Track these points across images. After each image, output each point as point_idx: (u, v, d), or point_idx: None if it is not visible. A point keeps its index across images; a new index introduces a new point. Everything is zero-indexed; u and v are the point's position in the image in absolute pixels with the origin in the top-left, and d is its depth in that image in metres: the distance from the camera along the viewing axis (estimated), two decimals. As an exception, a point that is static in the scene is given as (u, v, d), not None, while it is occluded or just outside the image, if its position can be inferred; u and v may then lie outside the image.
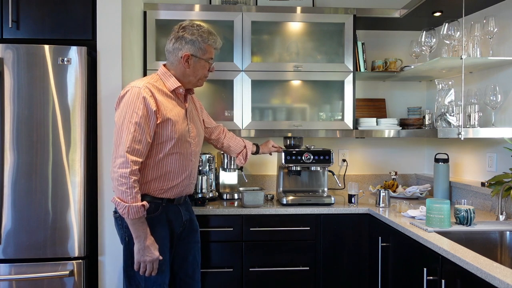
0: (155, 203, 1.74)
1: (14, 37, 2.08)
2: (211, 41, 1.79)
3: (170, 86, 1.77)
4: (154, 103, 1.67)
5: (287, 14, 2.66)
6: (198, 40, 1.77)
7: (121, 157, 1.60)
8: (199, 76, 1.83)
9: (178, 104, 1.80)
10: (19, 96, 1.99)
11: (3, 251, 1.99)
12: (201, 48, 1.78)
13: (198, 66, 1.81)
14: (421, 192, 2.69)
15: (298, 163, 2.48)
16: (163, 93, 1.76)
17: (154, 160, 1.73)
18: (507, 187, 1.97)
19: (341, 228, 2.37)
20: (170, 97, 1.77)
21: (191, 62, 1.79)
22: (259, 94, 2.75)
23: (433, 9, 2.50)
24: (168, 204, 1.79)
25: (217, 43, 1.83)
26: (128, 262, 1.76)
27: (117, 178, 1.60)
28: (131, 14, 2.33)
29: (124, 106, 1.66)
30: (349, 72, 2.67)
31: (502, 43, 2.27)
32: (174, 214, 1.82)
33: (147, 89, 1.69)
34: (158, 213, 1.75)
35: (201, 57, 1.79)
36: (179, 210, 1.85)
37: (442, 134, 2.15)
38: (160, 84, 1.77)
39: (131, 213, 1.60)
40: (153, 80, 1.77)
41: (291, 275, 2.34)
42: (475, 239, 1.82)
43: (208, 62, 1.83)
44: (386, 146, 3.08)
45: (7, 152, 1.98)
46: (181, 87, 1.79)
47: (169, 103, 1.75)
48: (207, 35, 1.78)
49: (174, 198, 1.81)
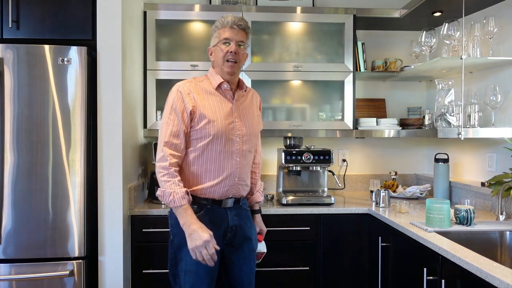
0: (199, 204, 1.71)
1: (14, 37, 2.08)
2: (219, 22, 1.75)
3: (215, 83, 1.76)
4: (191, 100, 1.69)
5: (287, 14, 2.67)
6: (213, 31, 1.78)
7: (160, 152, 1.67)
8: (220, 62, 1.75)
9: (224, 101, 1.77)
10: (19, 96, 1.99)
11: (3, 251, 1.99)
12: (216, 36, 1.77)
13: (217, 53, 1.77)
14: (421, 192, 2.69)
15: (298, 163, 2.48)
16: (206, 91, 1.75)
17: (193, 157, 1.72)
18: (507, 187, 1.97)
19: (341, 228, 2.37)
20: (213, 95, 1.76)
21: (213, 54, 1.79)
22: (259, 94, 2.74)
23: (433, 9, 2.50)
24: (213, 206, 1.73)
25: (225, 21, 1.74)
26: (173, 261, 1.73)
27: (158, 171, 1.66)
28: (131, 14, 2.33)
29: (166, 103, 1.74)
30: (349, 72, 2.67)
31: (502, 43, 2.27)
32: (220, 218, 1.74)
33: (186, 87, 1.72)
34: (200, 214, 1.69)
35: (216, 44, 1.76)
36: (226, 214, 1.75)
37: (442, 134, 2.15)
38: (205, 83, 1.78)
39: (176, 199, 1.60)
40: (198, 79, 1.80)
41: (291, 275, 2.34)
42: (475, 239, 1.82)
43: (223, 44, 1.74)
44: (386, 146, 3.08)
45: (7, 152, 1.99)
46: (224, 83, 1.76)
47: (211, 100, 1.74)
48: (219, 21, 1.75)
49: (220, 200, 1.74)
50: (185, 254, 1.67)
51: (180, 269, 1.70)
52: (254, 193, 1.96)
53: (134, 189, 2.31)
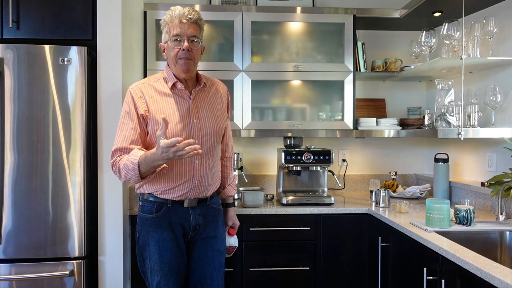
0: (158, 203, 1.72)
1: (14, 37, 2.08)
2: (167, 16, 1.65)
3: (170, 84, 1.71)
4: (142, 104, 1.67)
5: (287, 14, 2.66)
6: (162, 27, 1.68)
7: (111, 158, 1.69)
8: (173, 60, 1.66)
9: (179, 101, 1.70)
10: (19, 96, 1.99)
11: (3, 251, 1.99)
12: (166, 32, 1.66)
13: (169, 51, 1.68)
14: (421, 192, 2.69)
15: (298, 163, 2.48)
16: (160, 92, 1.70)
17: None
18: (507, 187, 1.97)
19: (341, 228, 2.37)
20: (168, 96, 1.70)
21: (165, 51, 1.72)
22: (259, 94, 2.75)
23: (433, 9, 2.50)
24: (174, 206, 1.72)
25: (174, 15, 1.62)
26: (140, 258, 1.76)
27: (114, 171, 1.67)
28: (131, 14, 2.33)
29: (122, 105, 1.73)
30: (349, 72, 2.67)
31: (502, 43, 2.27)
32: (181, 217, 1.73)
33: (138, 89, 1.69)
34: (160, 213, 1.71)
35: (167, 41, 1.67)
36: (188, 214, 1.73)
37: (442, 134, 2.15)
38: (160, 83, 1.72)
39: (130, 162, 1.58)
40: (153, 78, 1.75)
41: (291, 275, 2.34)
42: (475, 239, 1.82)
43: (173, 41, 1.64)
44: (386, 146, 3.08)
45: (8, 152, 1.99)
46: (178, 83, 1.69)
47: (165, 102, 1.69)
48: (167, 15, 1.65)
49: (182, 200, 1.72)
50: (149, 253, 1.71)
51: (147, 267, 1.73)
52: (226, 186, 1.95)
53: (134, 189, 2.31)
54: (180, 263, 1.74)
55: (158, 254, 1.70)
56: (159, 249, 1.70)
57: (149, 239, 1.71)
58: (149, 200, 1.73)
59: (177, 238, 1.73)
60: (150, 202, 1.73)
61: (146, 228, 1.73)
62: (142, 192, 1.76)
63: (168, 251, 1.71)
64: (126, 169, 1.60)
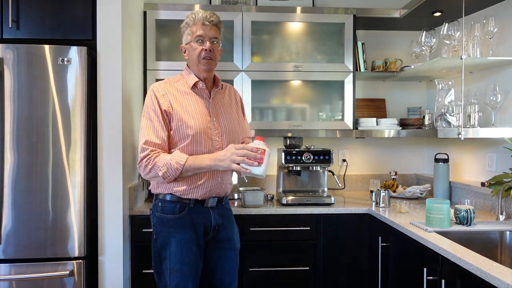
0: (181, 204, 1.71)
1: (14, 37, 2.08)
2: (190, 19, 1.71)
3: (190, 83, 1.75)
4: (166, 102, 1.68)
5: (287, 14, 2.67)
6: (184, 29, 1.75)
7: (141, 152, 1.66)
8: (196, 61, 1.73)
9: (200, 100, 1.75)
10: (19, 96, 1.99)
11: (3, 251, 1.99)
12: (188, 34, 1.73)
13: (191, 52, 1.74)
14: (421, 192, 2.69)
15: (298, 163, 2.48)
16: (181, 91, 1.74)
17: None
18: (507, 187, 1.97)
19: (341, 228, 2.37)
20: (189, 94, 1.74)
21: (187, 52, 1.77)
22: (259, 94, 2.75)
23: (433, 9, 2.50)
24: (196, 206, 1.73)
25: (196, 18, 1.70)
26: (156, 259, 1.74)
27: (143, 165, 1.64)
28: (131, 14, 2.33)
29: (144, 106, 1.73)
30: (349, 72, 2.67)
31: (502, 43, 2.27)
32: (203, 217, 1.74)
33: (161, 88, 1.71)
34: (183, 214, 1.71)
35: (189, 42, 1.73)
36: (209, 213, 1.75)
37: (442, 134, 2.15)
38: (180, 83, 1.76)
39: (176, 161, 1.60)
40: (173, 79, 1.79)
41: (291, 275, 2.34)
42: (475, 239, 1.82)
43: (196, 42, 1.71)
44: (386, 146, 3.08)
45: (7, 152, 1.98)
46: (199, 82, 1.74)
47: (187, 100, 1.73)
48: (190, 18, 1.72)
49: (203, 200, 1.74)
50: (170, 253, 1.69)
51: (165, 267, 1.72)
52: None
53: (134, 189, 2.31)
54: (198, 263, 1.74)
55: (180, 254, 1.68)
56: (181, 250, 1.68)
57: (171, 239, 1.70)
58: (171, 201, 1.71)
59: (198, 238, 1.73)
60: (172, 203, 1.71)
61: (167, 229, 1.71)
62: (161, 192, 1.75)
63: (189, 252, 1.70)
64: (168, 167, 1.61)
